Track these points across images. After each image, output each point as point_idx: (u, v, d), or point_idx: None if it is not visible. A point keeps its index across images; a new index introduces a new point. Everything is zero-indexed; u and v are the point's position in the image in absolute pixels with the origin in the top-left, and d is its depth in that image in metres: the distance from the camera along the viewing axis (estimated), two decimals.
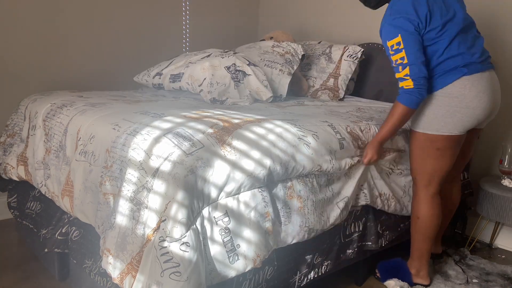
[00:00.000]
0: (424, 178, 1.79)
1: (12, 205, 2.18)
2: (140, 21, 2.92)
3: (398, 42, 1.61)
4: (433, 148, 1.73)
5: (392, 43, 1.62)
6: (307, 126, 1.58)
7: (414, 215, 1.85)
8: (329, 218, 1.58)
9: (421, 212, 1.81)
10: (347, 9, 3.03)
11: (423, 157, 1.77)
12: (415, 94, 1.63)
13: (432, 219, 1.81)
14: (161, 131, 1.34)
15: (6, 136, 2.11)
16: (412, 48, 1.60)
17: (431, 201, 1.80)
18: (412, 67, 1.61)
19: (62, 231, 1.72)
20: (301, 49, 2.53)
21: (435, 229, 1.83)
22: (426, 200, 1.81)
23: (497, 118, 2.42)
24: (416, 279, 1.92)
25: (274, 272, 1.52)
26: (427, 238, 1.84)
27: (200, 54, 2.33)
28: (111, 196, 1.35)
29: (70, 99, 1.93)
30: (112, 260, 1.26)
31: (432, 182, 1.79)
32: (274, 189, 1.42)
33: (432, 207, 1.80)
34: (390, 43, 1.63)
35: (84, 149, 1.53)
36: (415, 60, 1.60)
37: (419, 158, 1.78)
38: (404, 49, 1.61)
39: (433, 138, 1.71)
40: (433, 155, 1.74)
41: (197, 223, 1.21)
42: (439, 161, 1.74)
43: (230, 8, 3.44)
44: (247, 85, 2.16)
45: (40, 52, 2.53)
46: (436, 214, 1.81)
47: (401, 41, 1.60)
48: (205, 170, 1.23)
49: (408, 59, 1.61)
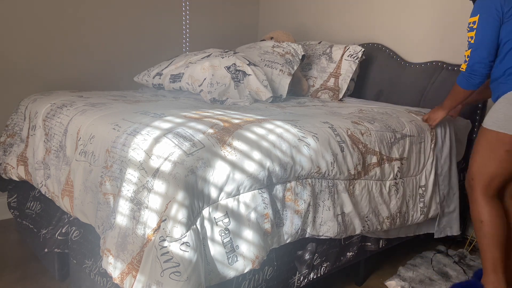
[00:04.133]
0: (484, 180, 1.71)
1: (12, 205, 2.18)
2: (140, 21, 2.92)
3: (474, 22, 1.68)
4: (503, 149, 1.65)
5: (471, 20, 1.69)
6: (307, 127, 1.57)
7: (477, 219, 1.74)
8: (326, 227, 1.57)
9: (483, 215, 1.71)
10: (347, 9, 3.03)
11: (488, 158, 1.69)
12: (465, 77, 1.72)
13: (498, 220, 1.70)
14: (161, 131, 1.34)
15: (6, 136, 2.11)
16: (483, 31, 1.66)
17: (492, 201, 1.72)
18: (474, 52, 1.68)
19: (62, 231, 1.72)
20: (301, 50, 2.53)
21: (504, 232, 1.72)
22: (485, 202, 1.72)
23: None
24: None
25: (273, 272, 1.52)
26: (498, 244, 1.71)
27: (200, 54, 2.33)
28: (111, 196, 1.35)
29: (70, 99, 1.93)
30: (113, 260, 1.26)
31: (490, 185, 1.71)
32: (274, 191, 1.42)
33: (493, 207, 1.72)
34: (470, 19, 1.70)
35: (84, 149, 1.53)
36: (480, 44, 1.67)
37: (484, 158, 1.70)
38: (476, 29, 1.67)
39: (505, 138, 1.64)
40: (500, 157, 1.66)
41: (197, 223, 1.21)
42: (503, 165, 1.67)
43: (230, 8, 3.44)
44: (247, 85, 2.16)
45: (40, 52, 2.53)
46: (500, 215, 1.71)
47: (477, 21, 1.66)
48: (205, 171, 1.23)
49: (475, 40, 1.67)
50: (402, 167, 1.88)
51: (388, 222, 1.82)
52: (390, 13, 2.77)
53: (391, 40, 2.77)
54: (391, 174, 1.83)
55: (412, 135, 1.93)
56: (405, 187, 1.90)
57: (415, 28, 2.65)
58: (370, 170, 1.73)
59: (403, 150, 1.89)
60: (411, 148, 1.92)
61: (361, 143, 1.70)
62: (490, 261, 1.73)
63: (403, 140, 1.89)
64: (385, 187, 1.81)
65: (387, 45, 2.78)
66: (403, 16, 2.71)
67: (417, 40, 2.65)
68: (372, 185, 1.75)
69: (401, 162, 1.87)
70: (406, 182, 1.91)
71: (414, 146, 1.93)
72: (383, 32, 2.82)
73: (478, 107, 2.42)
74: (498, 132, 1.65)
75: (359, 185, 1.69)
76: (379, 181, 1.78)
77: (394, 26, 2.76)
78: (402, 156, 1.88)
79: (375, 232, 1.84)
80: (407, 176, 1.92)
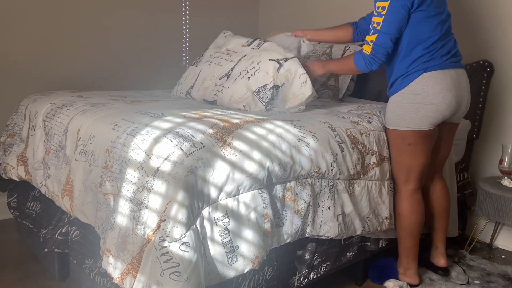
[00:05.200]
0: (402, 174, 1.83)
1: (12, 205, 2.18)
2: (140, 21, 2.92)
3: (384, 7, 1.65)
4: (405, 143, 1.77)
5: (379, 5, 1.66)
6: (307, 127, 1.57)
7: (396, 212, 1.89)
8: (327, 227, 1.58)
9: (402, 209, 1.85)
10: (347, 9, 3.03)
11: (398, 154, 1.81)
12: (366, 60, 1.72)
13: (412, 215, 1.84)
14: (161, 131, 1.34)
15: (6, 136, 2.11)
16: (392, 19, 1.64)
17: (410, 197, 1.84)
18: (380, 36, 1.67)
19: (62, 231, 1.72)
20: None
21: (418, 226, 1.86)
22: (405, 197, 1.84)
23: (497, 118, 2.42)
24: (404, 278, 1.93)
25: (273, 272, 1.52)
26: (410, 235, 1.87)
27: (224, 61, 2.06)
28: (111, 196, 1.35)
29: (70, 99, 1.93)
30: (113, 261, 1.26)
31: (410, 178, 1.82)
32: (274, 191, 1.42)
33: (411, 204, 1.84)
34: (378, 4, 1.67)
35: (84, 149, 1.53)
36: (387, 31, 1.65)
37: (395, 154, 1.83)
38: (385, 16, 1.65)
39: (403, 133, 1.76)
40: (406, 151, 1.78)
41: (197, 223, 1.21)
42: (412, 157, 1.78)
43: (230, 8, 3.44)
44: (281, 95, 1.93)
45: (40, 52, 2.53)
46: (416, 210, 1.84)
47: (386, 7, 1.64)
48: (205, 171, 1.23)
49: (382, 27, 1.65)
50: None
51: (388, 223, 1.82)
52: None
53: None
54: (387, 174, 1.83)
55: None
56: None
57: None
58: (369, 170, 1.73)
59: None
60: None
61: (360, 143, 1.70)
62: (403, 248, 1.91)
63: None
64: (384, 187, 1.81)
65: None
66: None
67: None
68: (372, 185, 1.75)
69: None
70: None
71: None
72: None
73: (478, 108, 2.43)
74: (394, 129, 1.79)
75: (359, 185, 1.69)
76: (378, 181, 1.78)
77: None
78: None
79: (375, 233, 1.84)
80: None
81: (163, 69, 3.11)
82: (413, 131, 1.74)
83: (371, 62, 1.72)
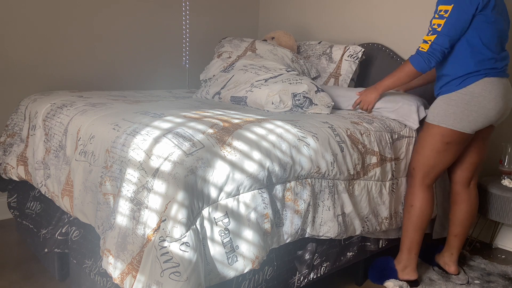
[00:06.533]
0: (423, 170, 1.84)
1: (12, 205, 2.18)
2: (140, 21, 2.93)
3: (446, 10, 1.68)
4: (443, 142, 1.78)
5: (442, 8, 1.69)
6: (307, 127, 1.57)
7: (407, 204, 1.88)
8: (327, 227, 1.58)
9: (417, 200, 1.86)
10: (347, 9, 3.03)
11: (429, 149, 1.81)
12: (424, 58, 1.74)
13: (426, 208, 1.85)
14: (161, 131, 1.34)
15: (6, 136, 2.11)
16: (454, 22, 1.67)
17: (426, 191, 1.86)
18: (439, 37, 1.70)
19: (62, 231, 1.72)
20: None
21: (428, 220, 1.87)
22: (422, 189, 1.85)
23: None
24: (403, 275, 1.93)
25: (273, 272, 1.52)
26: (419, 229, 1.87)
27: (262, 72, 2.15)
28: (111, 196, 1.35)
29: (70, 99, 1.93)
30: (113, 261, 1.26)
31: (429, 175, 1.84)
32: (274, 191, 1.42)
33: (427, 196, 1.86)
34: (440, 7, 1.70)
35: (84, 149, 1.53)
36: (447, 33, 1.68)
37: (425, 149, 1.82)
38: (447, 19, 1.68)
39: (445, 131, 1.76)
40: (439, 149, 1.79)
41: (197, 223, 1.21)
42: (443, 156, 1.80)
43: (230, 8, 3.44)
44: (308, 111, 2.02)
45: (40, 52, 2.53)
46: (430, 203, 1.87)
47: (449, 11, 1.67)
48: (205, 171, 1.23)
49: (443, 28, 1.69)
50: (397, 167, 1.89)
51: (387, 223, 1.82)
52: (390, 13, 2.77)
53: (391, 40, 2.77)
54: (389, 174, 1.83)
55: (409, 136, 1.94)
56: (400, 188, 1.91)
57: (415, 28, 2.65)
58: (370, 170, 1.74)
59: (400, 151, 1.90)
60: (408, 148, 1.93)
61: (361, 143, 1.70)
62: (407, 242, 1.90)
63: (400, 140, 1.90)
64: (385, 187, 1.81)
65: (387, 45, 2.78)
66: (403, 16, 2.71)
67: (417, 40, 2.64)
68: (372, 185, 1.75)
69: (395, 162, 1.87)
70: (401, 182, 1.92)
71: (411, 147, 1.94)
72: (383, 32, 2.82)
73: None
74: (438, 126, 1.78)
75: (359, 186, 1.69)
76: (378, 181, 1.78)
77: (394, 26, 2.76)
78: (397, 156, 1.89)
79: (375, 233, 1.84)
80: (403, 176, 1.93)
81: (163, 69, 3.11)
82: (457, 131, 1.75)
83: (430, 60, 1.73)
